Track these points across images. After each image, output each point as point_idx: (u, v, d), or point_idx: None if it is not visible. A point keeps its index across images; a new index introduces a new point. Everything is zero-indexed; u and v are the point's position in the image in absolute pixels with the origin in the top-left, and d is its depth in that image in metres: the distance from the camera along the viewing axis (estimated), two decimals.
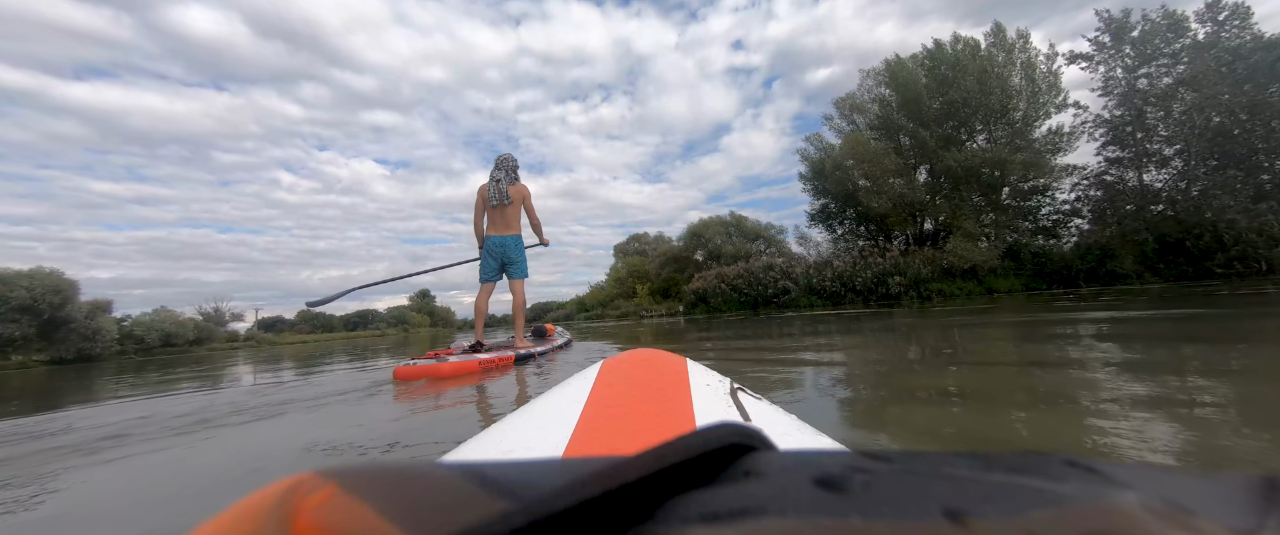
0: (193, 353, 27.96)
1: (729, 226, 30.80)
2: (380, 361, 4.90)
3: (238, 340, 42.16)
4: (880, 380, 1.88)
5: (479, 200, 3.79)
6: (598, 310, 32.53)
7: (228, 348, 34.62)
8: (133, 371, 7.47)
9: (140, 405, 2.66)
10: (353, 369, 4.12)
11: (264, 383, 3.56)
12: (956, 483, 0.12)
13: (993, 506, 0.11)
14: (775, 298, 16.61)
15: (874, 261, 14.69)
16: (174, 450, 1.49)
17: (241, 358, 10.36)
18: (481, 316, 3.75)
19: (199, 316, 44.30)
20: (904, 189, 15.15)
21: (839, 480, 0.13)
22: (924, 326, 4.42)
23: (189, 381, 4.15)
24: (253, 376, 4.40)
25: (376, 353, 7.34)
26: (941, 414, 1.32)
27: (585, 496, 0.13)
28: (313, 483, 0.16)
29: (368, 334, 54.20)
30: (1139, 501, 0.11)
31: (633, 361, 0.70)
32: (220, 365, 7.07)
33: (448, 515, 0.14)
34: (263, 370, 5.20)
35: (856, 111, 19.75)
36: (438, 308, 77.24)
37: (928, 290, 13.75)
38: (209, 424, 1.88)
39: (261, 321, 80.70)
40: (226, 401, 2.51)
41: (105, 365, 12.86)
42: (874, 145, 15.25)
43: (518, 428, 0.48)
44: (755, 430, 0.17)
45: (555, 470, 0.17)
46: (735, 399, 0.55)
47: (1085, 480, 0.12)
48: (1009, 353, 2.40)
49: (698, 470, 0.15)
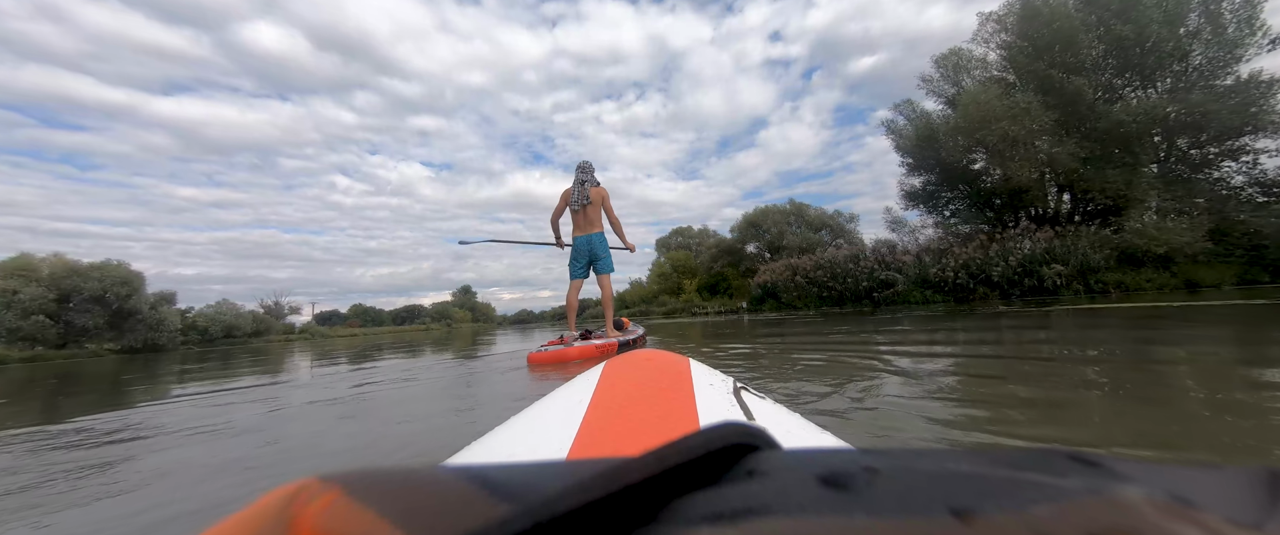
0: (251, 344, 28.10)
1: (789, 215, 27.52)
2: (450, 354, 5.08)
3: (293, 333, 43.01)
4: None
5: (561, 202, 4.11)
6: (640, 308, 30.05)
7: (284, 339, 34.93)
8: (218, 361, 7.54)
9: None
10: (454, 362, 4.26)
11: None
12: (961, 480, 0.12)
13: (997, 502, 0.11)
14: (871, 292, 13.49)
15: (1015, 245, 11.31)
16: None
17: (315, 351, 9.91)
18: (574, 310, 4.05)
19: (261, 309, 45.83)
20: (1056, 152, 11.62)
21: (844, 478, 0.13)
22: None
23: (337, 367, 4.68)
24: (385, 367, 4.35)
25: (439, 346, 7.11)
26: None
27: (588, 499, 0.13)
28: (315, 488, 0.16)
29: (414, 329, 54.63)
30: (1143, 495, 0.11)
31: (636, 362, 0.71)
32: (308, 357, 7.04)
33: (450, 519, 0.14)
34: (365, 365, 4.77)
35: (962, 71, 16.17)
36: (479, 303, 77.68)
37: (1100, 283, 10.29)
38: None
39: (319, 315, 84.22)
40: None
41: (175, 355, 12.35)
42: (1017, 99, 11.76)
43: (522, 429, 0.49)
44: (759, 429, 0.17)
45: (558, 472, 0.16)
46: (739, 398, 0.55)
47: (1089, 475, 0.12)
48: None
49: (702, 470, 0.15)
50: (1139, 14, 11.71)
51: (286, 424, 1.98)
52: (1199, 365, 1.88)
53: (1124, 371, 1.81)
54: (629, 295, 34.40)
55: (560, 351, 3.23)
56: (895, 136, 17.77)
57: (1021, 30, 13.48)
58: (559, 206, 4.11)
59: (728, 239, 30.65)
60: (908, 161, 16.53)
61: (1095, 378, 1.71)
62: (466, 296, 77.67)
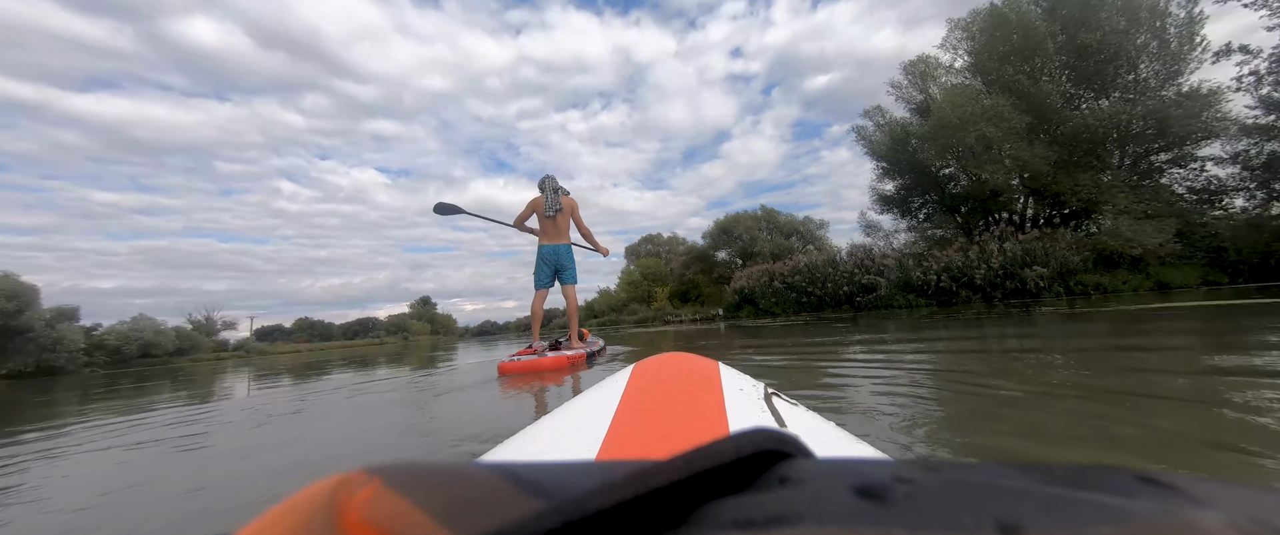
0: (172, 365, 24.88)
1: (761, 222, 27.44)
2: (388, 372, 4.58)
3: (226, 351, 38.98)
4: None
5: (528, 208, 4.03)
6: (610, 316, 29.05)
7: (214, 359, 31.28)
8: (115, 385, 6.48)
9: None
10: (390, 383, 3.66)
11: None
12: (1011, 495, 0.12)
13: (1052, 520, 0.10)
14: (852, 297, 13.18)
15: (993, 250, 11.24)
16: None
17: (246, 370, 8.66)
18: (539, 319, 3.95)
19: (188, 325, 41.41)
20: (1028, 156, 11.69)
21: (881, 489, 0.12)
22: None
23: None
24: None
25: (379, 364, 6.31)
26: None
27: (618, 499, 0.13)
28: (359, 479, 0.17)
29: (366, 344, 51.05)
30: (1224, 520, 0.10)
31: (665, 365, 0.70)
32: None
33: (484, 513, 0.14)
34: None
35: (929, 78, 16.44)
36: (438, 315, 73.97)
37: (1080, 284, 10.29)
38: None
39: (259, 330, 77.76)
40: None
41: (73, 380, 10.29)
42: (991, 102, 11.79)
43: (552, 429, 0.49)
44: (791, 436, 0.16)
45: (588, 472, 0.16)
46: (770, 404, 0.54)
47: (1159, 497, 0.12)
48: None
49: (731, 476, 0.15)
50: (1101, 21, 12.07)
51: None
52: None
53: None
54: (598, 304, 33.33)
55: (533, 361, 3.16)
56: (866, 143, 17.88)
57: (988, 38, 13.74)
58: (525, 211, 4.05)
59: (699, 246, 30.27)
60: (882, 166, 16.56)
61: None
62: (425, 308, 73.86)
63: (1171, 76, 12.95)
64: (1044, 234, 11.21)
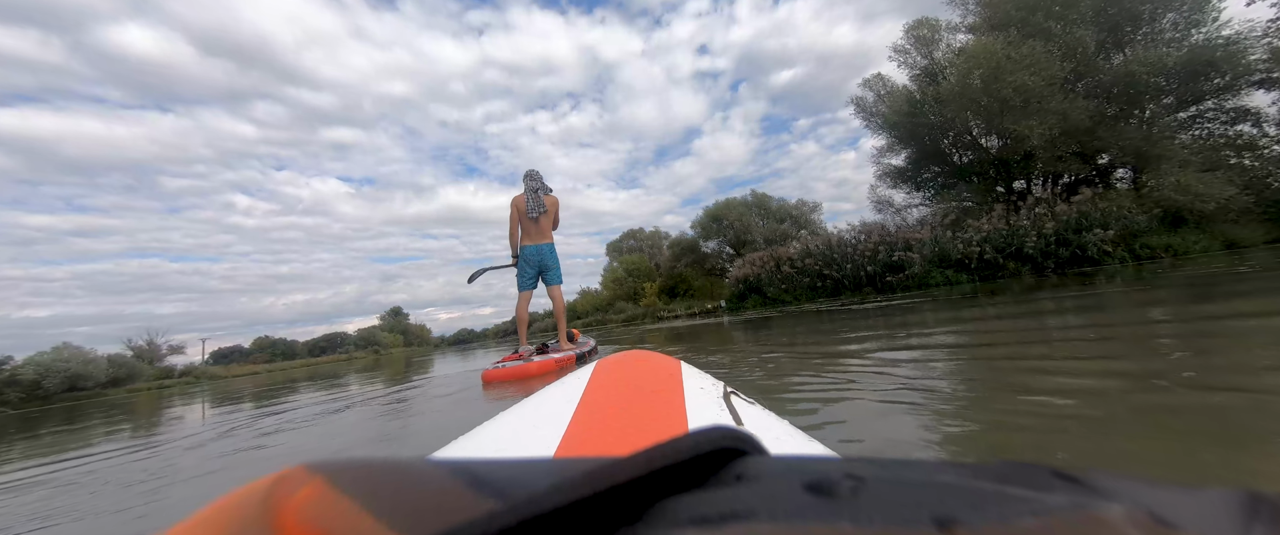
0: (106, 397, 21.62)
1: (752, 208, 25.97)
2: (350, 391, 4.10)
3: (173, 377, 35.11)
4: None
5: (514, 212, 3.86)
6: (595, 317, 27.10)
7: (157, 387, 27.62)
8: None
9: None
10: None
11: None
12: (945, 491, 0.12)
13: (981, 514, 0.11)
14: (878, 277, 11.68)
15: (1044, 214, 9.87)
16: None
17: (191, 398, 7.21)
18: (524, 323, 3.87)
19: (127, 351, 37.27)
20: (1068, 108, 10.37)
21: (829, 486, 0.13)
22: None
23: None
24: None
25: (344, 382, 5.41)
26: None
27: (574, 497, 0.13)
28: (299, 477, 0.16)
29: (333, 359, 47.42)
30: (1123, 513, 0.11)
31: (626, 363, 0.70)
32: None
33: (435, 513, 0.14)
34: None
35: (924, 44, 15.12)
36: (412, 326, 70.14)
37: (1147, 248, 9.00)
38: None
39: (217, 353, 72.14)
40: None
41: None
42: (1028, 48, 10.38)
43: (510, 426, 0.48)
44: (747, 434, 0.17)
45: (545, 470, 0.16)
46: (728, 403, 0.55)
47: (1072, 491, 0.12)
48: None
49: (689, 473, 0.15)
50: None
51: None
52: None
53: None
54: (580, 305, 31.33)
55: (520, 367, 2.99)
56: (866, 115, 16.51)
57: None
58: (514, 217, 3.88)
59: (688, 236, 28.62)
60: (893, 137, 15.17)
61: None
62: (397, 319, 69.99)
63: (1193, 26, 11.94)
64: (1099, 194, 9.90)
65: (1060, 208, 9.61)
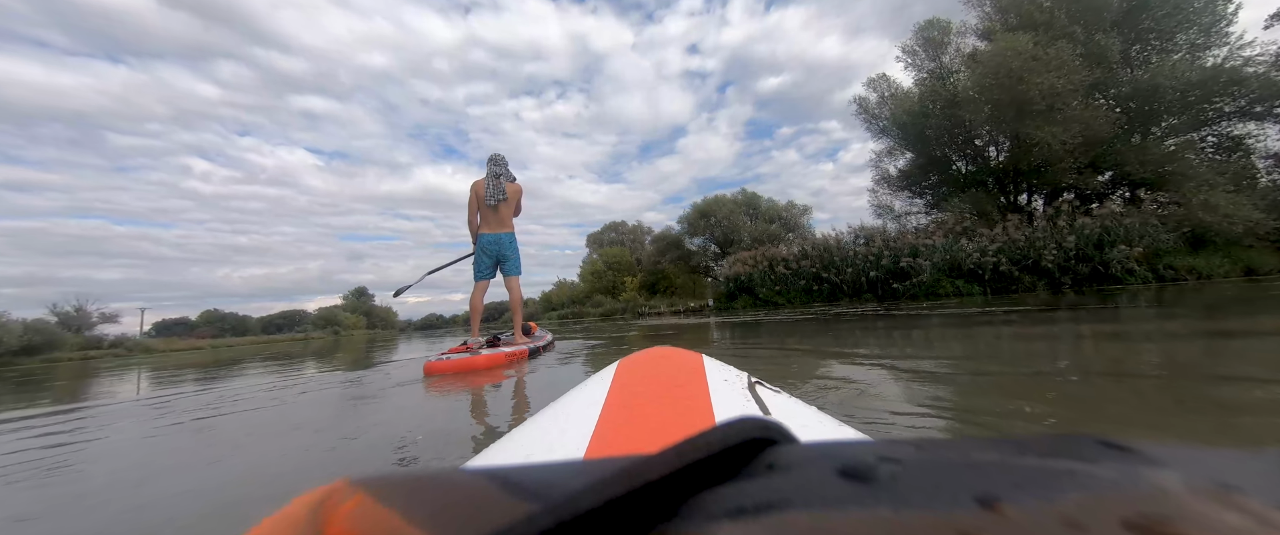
0: (18, 366, 18.97)
1: (742, 206, 25.22)
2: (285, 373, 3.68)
3: (101, 347, 31.88)
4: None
5: (473, 197, 3.71)
6: (572, 308, 25.87)
7: (80, 358, 24.76)
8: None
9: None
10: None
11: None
12: (987, 469, 0.12)
13: (1027, 492, 0.11)
14: (882, 283, 10.95)
15: (1063, 226, 9.27)
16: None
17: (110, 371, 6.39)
18: (478, 313, 3.76)
19: (52, 317, 33.75)
20: (1091, 116, 9.81)
21: (865, 471, 0.13)
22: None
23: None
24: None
25: (288, 362, 5.11)
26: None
27: (609, 496, 0.13)
28: (344, 492, 0.17)
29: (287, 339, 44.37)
30: (1182, 481, 0.11)
31: (649, 360, 0.71)
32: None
33: (474, 519, 0.14)
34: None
35: (934, 46, 14.53)
36: (376, 308, 66.93)
37: (1171, 268, 8.49)
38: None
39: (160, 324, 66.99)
40: None
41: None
42: (1055, 50, 9.74)
43: (538, 430, 0.49)
44: (776, 423, 0.17)
45: (577, 471, 0.16)
46: (754, 393, 0.55)
47: (1122, 461, 0.12)
48: None
49: (720, 466, 0.15)
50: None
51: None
52: None
53: None
54: (555, 297, 29.99)
55: (465, 360, 2.77)
56: (868, 117, 15.85)
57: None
58: (473, 202, 3.71)
59: (673, 231, 27.68)
60: (896, 140, 14.52)
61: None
62: (361, 300, 66.62)
63: (1206, 46, 11.65)
64: (1127, 210, 9.37)
65: (1081, 220, 9.01)
